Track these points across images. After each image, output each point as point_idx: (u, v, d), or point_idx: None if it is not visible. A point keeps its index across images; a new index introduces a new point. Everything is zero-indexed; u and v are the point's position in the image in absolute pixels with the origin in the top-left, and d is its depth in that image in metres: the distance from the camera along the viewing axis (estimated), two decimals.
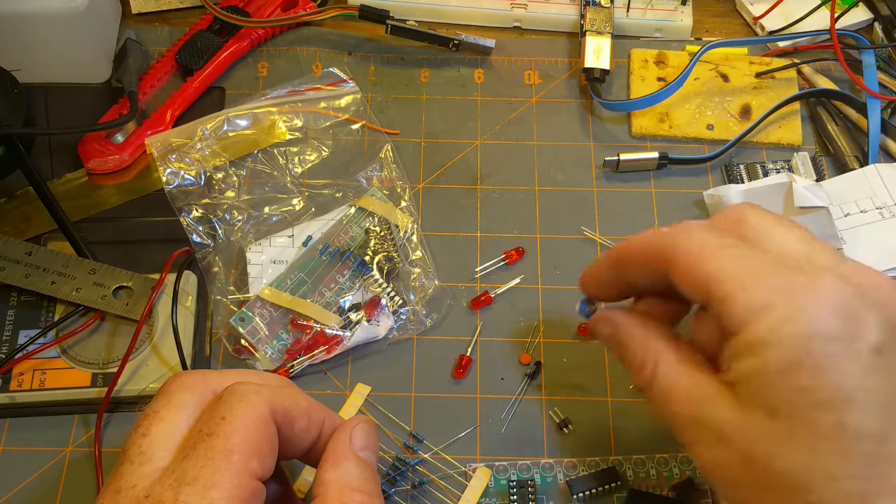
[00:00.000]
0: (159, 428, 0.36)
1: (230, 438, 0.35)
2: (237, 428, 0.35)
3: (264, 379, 0.41)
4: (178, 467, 0.34)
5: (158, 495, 0.34)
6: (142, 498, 0.34)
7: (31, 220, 0.55)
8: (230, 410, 0.36)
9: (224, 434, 0.35)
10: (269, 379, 0.41)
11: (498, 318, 0.53)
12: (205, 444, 0.35)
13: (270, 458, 0.36)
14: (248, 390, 0.37)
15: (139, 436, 0.36)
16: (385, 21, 0.62)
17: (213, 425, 0.35)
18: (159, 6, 0.66)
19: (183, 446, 0.35)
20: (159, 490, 0.34)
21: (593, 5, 0.63)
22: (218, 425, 0.35)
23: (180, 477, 0.34)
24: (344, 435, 0.39)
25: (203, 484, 0.34)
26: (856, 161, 0.57)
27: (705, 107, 0.61)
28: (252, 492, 0.35)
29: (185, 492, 0.33)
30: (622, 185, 0.58)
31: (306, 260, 0.53)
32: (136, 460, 0.35)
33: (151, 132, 0.58)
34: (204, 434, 0.35)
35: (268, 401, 0.37)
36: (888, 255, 0.52)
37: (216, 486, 0.34)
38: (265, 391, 0.37)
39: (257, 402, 0.36)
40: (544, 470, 0.47)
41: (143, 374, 0.49)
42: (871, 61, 0.59)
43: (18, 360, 0.49)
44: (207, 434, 0.35)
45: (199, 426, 0.36)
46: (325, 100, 0.60)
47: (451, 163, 0.59)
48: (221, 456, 0.34)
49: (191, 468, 0.34)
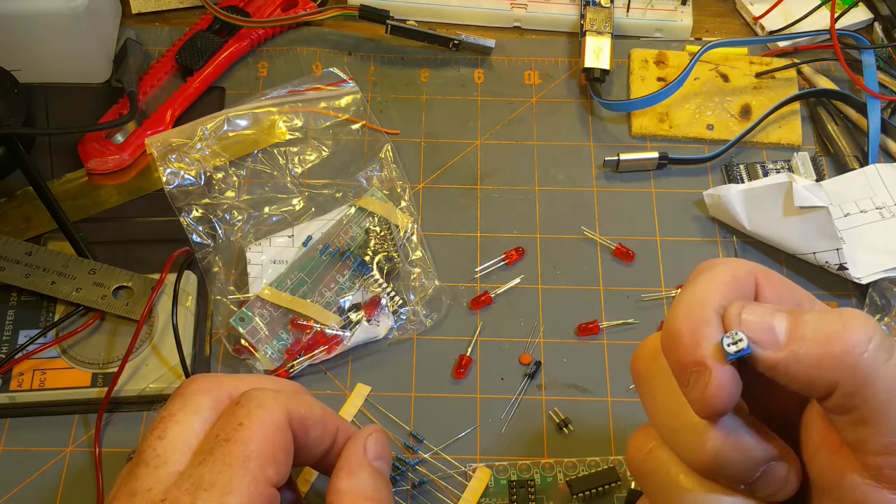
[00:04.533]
0: (175, 431, 0.36)
1: (248, 445, 0.35)
2: (254, 434, 0.35)
3: (280, 385, 0.41)
4: (194, 472, 0.34)
5: (175, 500, 0.34)
6: (158, 502, 0.34)
7: (31, 220, 0.55)
8: (248, 416, 0.36)
9: (242, 440, 0.35)
10: (284, 385, 0.41)
11: (498, 318, 0.53)
12: (222, 449, 0.35)
13: (286, 465, 0.36)
14: (265, 396, 0.37)
15: (155, 438, 0.36)
16: (385, 21, 0.62)
17: (230, 431, 0.35)
18: (159, 6, 0.66)
19: (199, 451, 0.35)
20: (176, 494, 0.34)
21: (593, 5, 0.63)
22: (235, 431, 0.35)
23: (197, 482, 0.34)
24: (358, 445, 0.39)
25: (220, 490, 0.34)
26: (856, 161, 0.57)
27: (705, 107, 0.61)
28: (268, 499, 0.35)
29: (203, 497, 0.33)
30: (622, 185, 0.58)
31: (306, 260, 0.53)
32: (152, 463, 0.35)
33: (151, 132, 0.58)
34: (221, 439, 0.35)
35: (285, 408, 0.37)
36: (888, 255, 0.52)
37: (233, 493, 0.34)
38: (282, 398, 0.37)
39: (274, 408, 0.36)
40: (544, 470, 0.47)
41: (143, 374, 0.49)
42: (871, 61, 0.59)
43: (18, 360, 0.49)
44: (225, 439, 0.35)
45: (217, 431, 0.36)
46: (325, 100, 0.60)
47: (451, 163, 0.59)
48: (239, 462, 0.34)
49: (208, 473, 0.34)
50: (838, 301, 0.53)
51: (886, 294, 0.52)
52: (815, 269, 0.53)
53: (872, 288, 0.52)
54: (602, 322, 0.52)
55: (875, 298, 0.52)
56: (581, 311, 0.53)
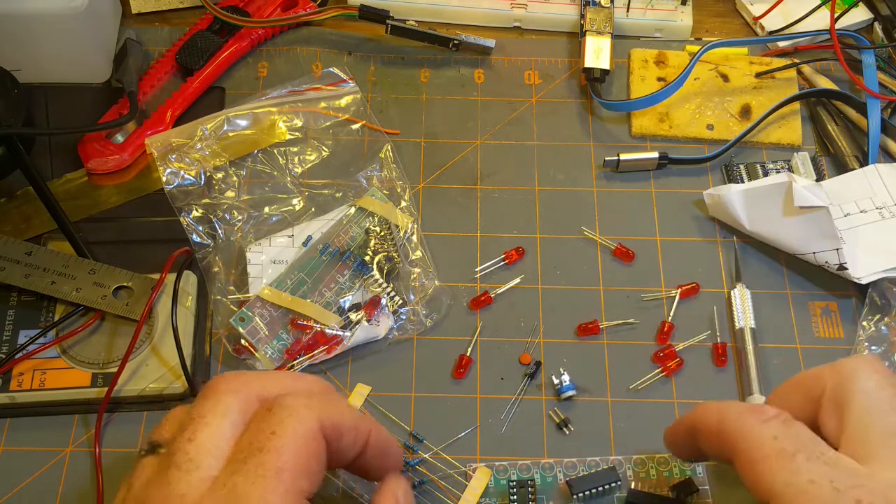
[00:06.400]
0: (206, 434, 0.36)
1: (281, 456, 0.35)
2: (287, 445, 0.35)
3: (309, 385, 0.41)
4: (228, 481, 0.34)
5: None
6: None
7: (31, 220, 0.55)
8: (280, 425, 0.35)
9: (275, 450, 0.35)
10: (313, 385, 0.41)
11: (498, 318, 0.53)
12: (255, 460, 0.34)
13: (318, 475, 0.36)
14: (297, 404, 0.36)
15: (185, 441, 0.36)
16: (385, 21, 0.62)
17: (263, 440, 0.35)
18: (159, 6, 0.66)
19: (232, 458, 0.35)
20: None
21: (593, 5, 0.63)
22: (269, 440, 0.35)
23: (231, 493, 0.34)
24: (389, 498, 0.40)
25: (254, 502, 0.33)
26: (856, 161, 0.57)
27: (705, 107, 0.61)
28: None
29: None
30: (622, 185, 0.58)
31: (306, 260, 0.53)
32: (184, 467, 0.35)
33: (151, 132, 0.58)
34: (254, 448, 0.35)
35: (318, 416, 0.36)
36: (888, 255, 0.52)
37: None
38: (315, 405, 0.37)
39: (307, 417, 0.36)
40: (544, 470, 0.47)
41: (143, 374, 0.49)
42: (871, 61, 0.59)
43: (18, 360, 0.49)
44: (258, 449, 0.35)
45: (249, 439, 0.35)
46: (325, 100, 0.60)
47: (451, 163, 0.59)
48: (272, 474, 0.34)
49: (241, 484, 0.34)
50: (838, 301, 0.53)
51: (886, 294, 0.52)
52: (815, 268, 0.53)
53: (872, 288, 0.52)
54: (602, 322, 0.52)
55: (875, 298, 0.52)
56: (581, 311, 0.53)
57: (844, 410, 0.36)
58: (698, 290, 0.54)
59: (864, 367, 0.37)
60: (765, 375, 0.50)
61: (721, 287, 0.54)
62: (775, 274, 0.54)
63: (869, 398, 0.36)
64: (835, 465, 0.34)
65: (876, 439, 0.35)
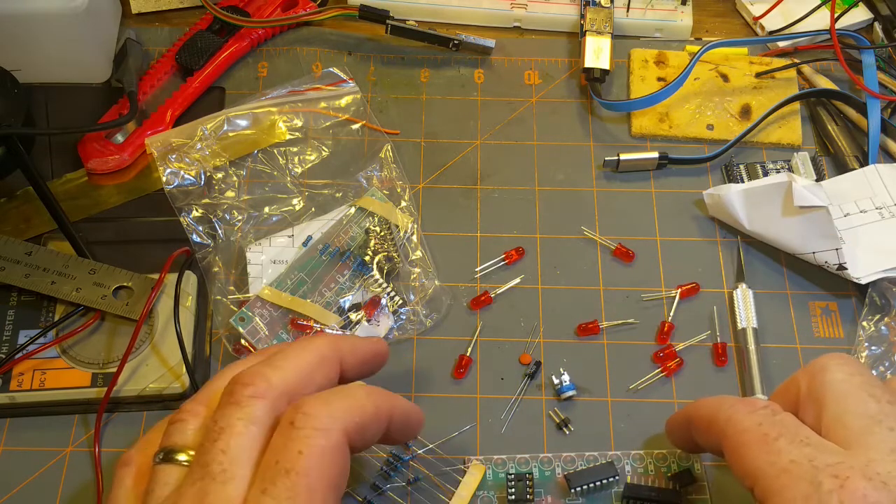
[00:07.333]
0: (237, 444, 0.36)
1: (310, 476, 0.35)
2: (315, 464, 0.35)
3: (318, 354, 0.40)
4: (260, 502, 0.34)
5: None
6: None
7: (31, 220, 0.55)
8: (307, 444, 0.35)
9: (303, 471, 0.35)
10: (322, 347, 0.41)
11: (498, 318, 0.53)
12: (284, 481, 0.34)
13: (344, 483, 0.37)
14: (321, 415, 0.36)
15: (218, 451, 0.35)
16: (385, 21, 0.62)
17: (290, 459, 0.35)
18: (159, 6, 0.66)
19: (261, 477, 0.35)
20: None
21: (593, 5, 0.63)
22: (296, 460, 0.35)
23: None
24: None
25: None
26: (856, 161, 0.57)
27: (705, 107, 0.61)
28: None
29: None
30: (622, 185, 0.58)
31: (306, 260, 0.53)
32: (219, 478, 0.35)
33: (151, 132, 0.58)
34: (282, 469, 0.35)
35: (342, 425, 0.36)
36: (888, 255, 0.52)
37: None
38: (338, 412, 0.37)
39: (332, 428, 0.36)
40: (542, 464, 0.47)
41: (143, 373, 0.49)
42: (871, 61, 0.59)
43: (18, 360, 0.50)
44: (286, 470, 0.35)
45: (276, 457, 0.35)
46: (325, 100, 0.60)
47: (451, 163, 0.59)
48: (304, 496, 0.34)
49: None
50: (838, 301, 0.53)
51: (886, 294, 0.52)
52: (814, 268, 0.53)
53: (872, 288, 0.52)
54: (602, 322, 0.52)
55: (875, 298, 0.52)
56: (581, 311, 0.53)
57: (821, 403, 0.38)
58: (698, 290, 0.54)
59: (833, 361, 0.39)
60: (765, 375, 0.50)
61: (721, 287, 0.54)
62: (775, 274, 0.54)
63: (841, 386, 0.38)
64: (816, 447, 0.36)
65: (853, 424, 0.36)
